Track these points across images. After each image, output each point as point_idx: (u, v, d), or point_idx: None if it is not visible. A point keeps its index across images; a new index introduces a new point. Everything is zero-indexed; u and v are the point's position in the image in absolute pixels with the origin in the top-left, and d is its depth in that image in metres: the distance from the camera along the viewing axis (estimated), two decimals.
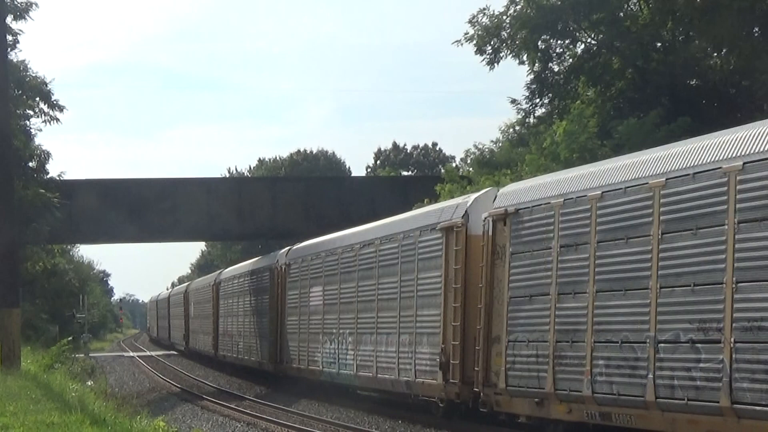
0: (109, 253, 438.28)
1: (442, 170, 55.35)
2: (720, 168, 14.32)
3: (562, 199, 17.89)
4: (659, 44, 36.53)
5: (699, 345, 14.50)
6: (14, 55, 44.05)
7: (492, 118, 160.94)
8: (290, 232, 47.83)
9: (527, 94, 38.40)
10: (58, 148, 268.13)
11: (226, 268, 56.28)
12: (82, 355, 53.96)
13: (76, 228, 48.90)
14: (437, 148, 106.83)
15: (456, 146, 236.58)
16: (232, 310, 44.84)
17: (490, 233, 19.93)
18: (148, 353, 74.43)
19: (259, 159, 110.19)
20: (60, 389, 23.90)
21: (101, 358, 65.37)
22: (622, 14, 37.01)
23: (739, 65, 33.92)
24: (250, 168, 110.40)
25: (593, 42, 37.50)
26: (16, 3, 42.56)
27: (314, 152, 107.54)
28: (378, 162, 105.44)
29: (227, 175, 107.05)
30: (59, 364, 36.89)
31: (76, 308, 70.64)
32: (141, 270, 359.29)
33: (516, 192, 19.92)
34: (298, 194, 50.09)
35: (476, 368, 20.23)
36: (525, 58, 37.58)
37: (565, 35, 37.40)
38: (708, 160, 14.68)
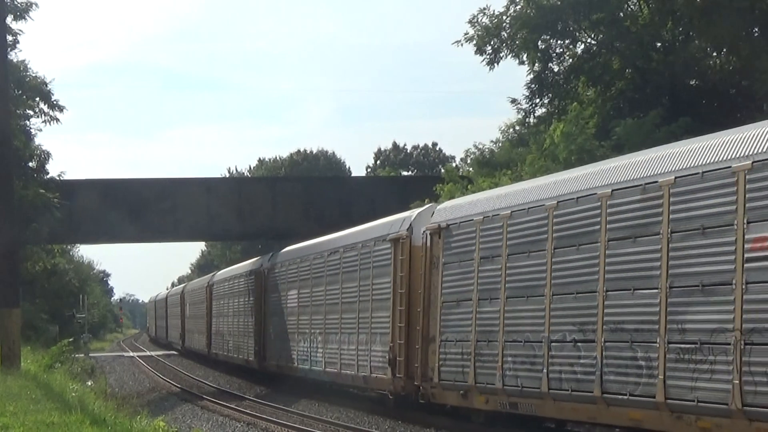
0: (109, 253, 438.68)
1: (442, 170, 55.35)
2: (595, 194, 17.27)
3: (482, 217, 20.78)
4: (659, 44, 36.52)
5: (579, 344, 17.26)
6: (14, 55, 44.11)
7: (492, 118, 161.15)
8: (290, 232, 47.81)
9: (527, 94, 38.42)
10: (58, 148, 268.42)
11: (219, 270, 58.42)
12: (82, 355, 53.93)
13: (76, 228, 48.89)
14: (437, 148, 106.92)
15: (456, 146, 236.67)
16: (224, 310, 47.36)
17: (428, 245, 22.73)
18: (148, 353, 74.43)
19: (259, 159, 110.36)
20: (60, 389, 23.90)
21: (101, 358, 65.37)
22: (622, 14, 37.00)
23: (739, 65, 33.92)
24: (250, 168, 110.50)
25: (593, 42, 37.50)
26: (16, 3, 42.58)
27: (314, 152, 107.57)
28: (378, 162, 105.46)
29: (227, 175, 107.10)
30: (59, 364, 36.88)
31: (76, 308, 70.63)
32: (141, 270, 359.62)
33: (449, 208, 22.74)
34: (298, 194, 50.08)
35: (416, 364, 23.00)
36: (525, 58, 37.57)
37: (565, 35, 37.39)
38: (587, 186, 17.65)
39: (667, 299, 15.38)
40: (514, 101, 39.54)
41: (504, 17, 37.27)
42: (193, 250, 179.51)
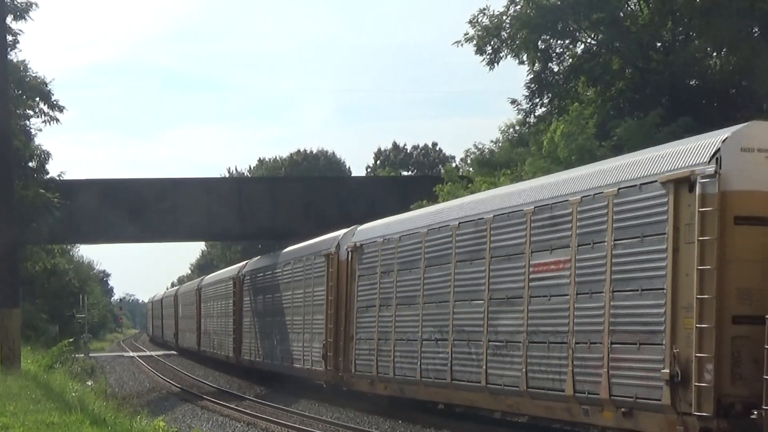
0: (109, 253, 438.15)
1: (442, 170, 55.31)
2: (448, 225, 22.31)
3: (382, 239, 25.91)
4: (659, 44, 36.49)
5: (439, 342, 22.39)
6: (14, 55, 44.07)
7: (492, 118, 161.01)
8: (290, 232, 47.80)
9: (527, 94, 38.39)
10: (58, 148, 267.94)
11: (208, 274, 63.13)
12: (82, 355, 53.92)
13: (76, 228, 48.86)
14: (437, 148, 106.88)
15: (456, 146, 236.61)
16: (210, 312, 52.56)
17: (349, 260, 27.92)
18: (147, 353, 74.44)
19: (259, 159, 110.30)
20: (60, 389, 23.91)
21: (101, 358, 65.38)
22: (622, 14, 36.97)
23: (739, 65, 33.91)
24: (250, 168, 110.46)
25: (593, 42, 37.49)
26: (16, 3, 42.54)
27: (314, 152, 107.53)
28: (378, 162, 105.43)
29: (227, 175, 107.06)
30: (59, 364, 36.89)
31: (76, 308, 70.60)
32: (141, 270, 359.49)
33: (363, 230, 27.81)
34: (298, 194, 50.06)
35: (340, 359, 28.13)
36: (525, 58, 37.52)
37: (565, 35, 37.36)
38: (442, 219, 22.95)
39: (488, 309, 20.40)
40: (514, 102, 39.56)
41: (504, 17, 37.24)
42: (193, 250, 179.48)
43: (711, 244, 14.83)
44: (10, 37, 40.58)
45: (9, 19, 39.99)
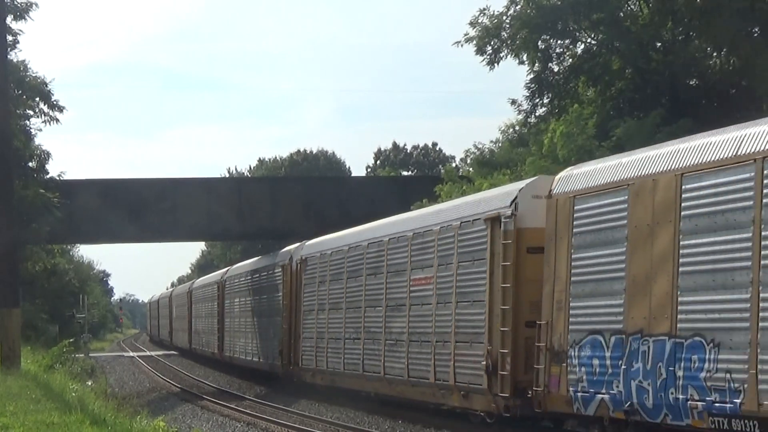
0: (109, 253, 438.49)
1: (442, 170, 55.29)
2: (362, 245, 27.40)
3: (319, 253, 31.11)
4: (659, 44, 36.49)
5: (356, 340, 27.27)
6: (14, 55, 44.03)
7: (492, 118, 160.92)
8: (290, 232, 47.80)
9: (527, 94, 38.39)
10: (58, 148, 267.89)
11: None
12: (82, 355, 53.92)
13: (76, 228, 48.85)
14: (437, 148, 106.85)
15: (456, 146, 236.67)
16: (199, 313, 57.00)
17: (298, 271, 32.98)
18: (147, 353, 74.45)
19: (259, 159, 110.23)
20: (60, 389, 23.90)
21: (101, 358, 65.37)
22: (622, 14, 36.97)
23: (739, 65, 33.91)
24: (250, 168, 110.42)
25: (593, 42, 37.49)
26: (16, 3, 42.52)
27: (314, 152, 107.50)
28: (378, 162, 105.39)
29: (227, 175, 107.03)
30: (59, 364, 36.87)
31: (76, 308, 70.61)
32: (141, 270, 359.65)
33: (308, 246, 32.94)
34: (298, 194, 50.05)
35: (291, 354, 33.13)
36: (525, 58, 37.52)
37: (565, 35, 37.35)
38: (360, 239, 27.76)
39: (385, 314, 25.30)
40: (514, 102, 39.56)
41: (504, 17, 37.24)
42: (193, 250, 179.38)
43: (510, 267, 19.56)
44: (10, 37, 40.55)
45: (9, 19, 39.96)
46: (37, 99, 45.14)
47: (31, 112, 45.78)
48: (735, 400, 14.03)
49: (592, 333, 17.06)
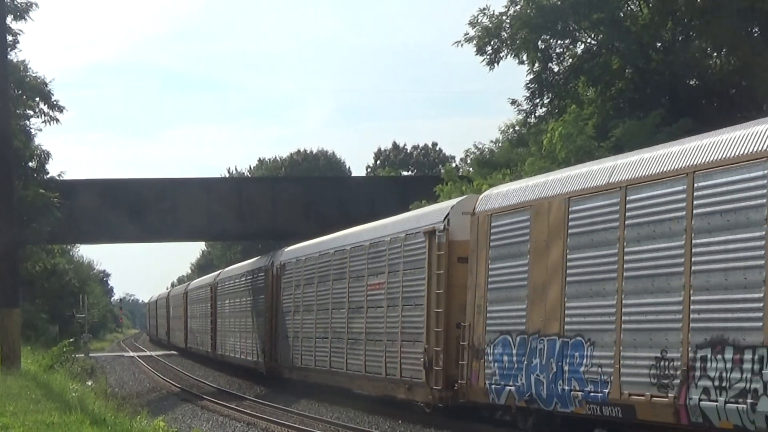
0: (109, 253, 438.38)
1: (442, 170, 55.27)
2: (329, 252, 30.64)
3: (295, 259, 34.13)
4: (659, 44, 36.48)
5: (323, 340, 30.33)
6: (14, 55, 44.03)
7: (492, 118, 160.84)
8: (290, 232, 47.81)
9: (527, 94, 38.39)
10: (58, 148, 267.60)
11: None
12: (82, 355, 53.91)
13: (76, 228, 48.85)
14: (437, 148, 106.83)
15: (456, 146, 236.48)
16: (195, 313, 59.42)
17: (277, 275, 36.02)
18: (147, 353, 74.46)
19: (259, 159, 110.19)
20: (60, 389, 23.89)
21: (101, 358, 65.35)
22: (622, 14, 36.96)
23: (739, 65, 33.90)
24: (250, 168, 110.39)
25: (593, 42, 37.48)
26: (16, 3, 42.52)
27: (314, 152, 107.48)
28: (378, 162, 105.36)
29: (227, 175, 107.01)
30: (59, 364, 36.85)
31: (76, 308, 70.58)
32: (141, 270, 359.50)
33: (288, 251, 35.91)
34: (298, 194, 50.04)
35: (273, 352, 36.06)
36: (525, 58, 37.51)
37: (565, 35, 37.34)
38: (323, 248, 31.31)
39: (348, 315, 28.20)
40: (514, 102, 39.54)
41: (504, 17, 37.23)
42: (193, 250, 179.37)
43: (443, 275, 22.38)
44: (10, 37, 40.56)
45: (9, 19, 39.98)
46: (37, 99, 45.14)
47: (31, 112, 45.79)
48: (605, 390, 16.76)
49: (503, 333, 19.85)
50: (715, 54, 35.78)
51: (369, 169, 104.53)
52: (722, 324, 14.55)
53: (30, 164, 46.13)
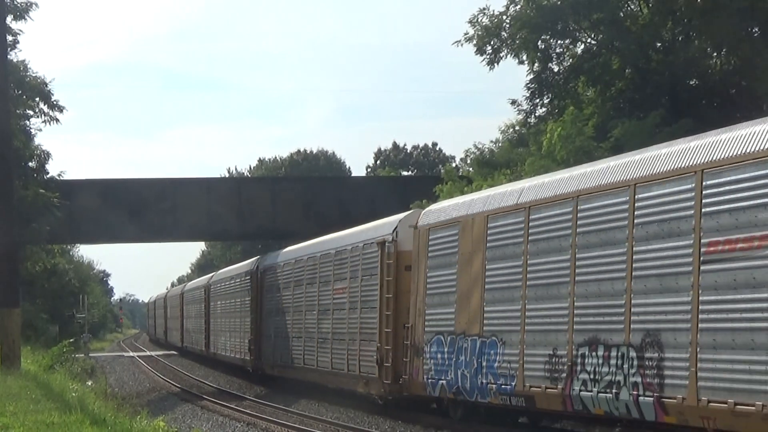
0: (109, 253, 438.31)
1: (442, 170, 55.25)
2: (303, 258, 33.45)
3: (275, 265, 36.99)
4: (659, 44, 36.47)
5: (298, 338, 32.91)
6: (14, 55, 44.02)
7: (492, 118, 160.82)
8: (290, 232, 47.83)
9: (527, 94, 38.38)
10: (58, 148, 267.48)
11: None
12: (82, 355, 53.91)
13: (76, 228, 48.86)
14: (437, 148, 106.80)
15: (456, 146, 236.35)
16: (190, 314, 62.23)
17: (261, 279, 38.77)
18: (147, 353, 74.47)
19: (259, 159, 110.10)
20: (60, 389, 23.89)
21: (101, 358, 65.37)
22: (622, 14, 36.95)
23: (739, 65, 33.89)
24: (250, 168, 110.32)
25: (593, 42, 37.48)
26: (16, 3, 42.50)
27: (314, 152, 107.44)
28: (378, 162, 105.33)
29: (227, 175, 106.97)
30: (59, 364, 36.86)
31: (76, 308, 70.59)
32: (141, 270, 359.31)
33: (269, 256, 39.08)
34: (298, 194, 50.05)
35: (258, 350, 38.81)
36: (525, 58, 37.51)
37: (565, 35, 37.34)
38: (312, 252, 32.77)
39: (318, 316, 31.03)
40: (514, 102, 39.53)
41: (504, 17, 37.23)
42: (193, 250, 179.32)
43: (392, 282, 24.91)
44: (10, 37, 40.56)
45: (9, 19, 39.97)
46: (37, 99, 45.13)
47: (31, 112, 45.78)
48: (512, 383, 19.60)
49: (438, 334, 22.59)
50: (715, 54, 35.77)
51: (369, 169, 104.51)
52: (596, 326, 17.22)
53: (30, 164, 46.12)
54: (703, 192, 14.97)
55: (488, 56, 37.81)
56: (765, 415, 13.79)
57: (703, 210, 14.98)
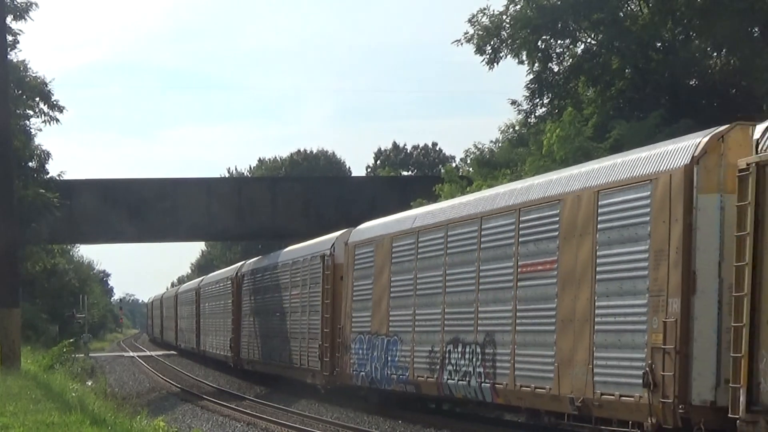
0: (109, 253, 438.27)
1: (442, 170, 55.24)
2: (271, 266, 37.91)
3: (251, 272, 41.13)
4: (659, 44, 36.47)
5: (265, 337, 37.16)
6: (14, 55, 43.89)
7: (492, 118, 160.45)
8: (290, 232, 47.79)
9: (527, 94, 38.36)
10: (58, 148, 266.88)
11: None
12: (82, 355, 53.90)
13: (76, 228, 48.84)
14: (437, 148, 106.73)
15: (456, 146, 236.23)
16: (184, 314, 65.96)
17: (241, 284, 42.84)
18: (147, 353, 74.48)
19: (259, 159, 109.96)
20: (60, 389, 23.90)
21: (101, 358, 65.36)
22: (622, 14, 36.94)
23: (739, 65, 33.89)
24: (250, 168, 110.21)
25: (593, 42, 37.47)
26: (16, 3, 42.46)
27: (314, 152, 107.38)
28: (378, 162, 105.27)
29: (227, 175, 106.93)
30: (59, 364, 36.85)
31: (76, 308, 70.55)
32: (141, 270, 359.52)
33: (247, 264, 44.26)
34: (298, 194, 50.04)
35: (237, 348, 42.44)
36: (525, 58, 37.49)
37: (565, 35, 37.33)
38: (275, 261, 37.11)
39: (279, 318, 34.95)
40: (514, 102, 39.52)
41: (504, 17, 37.22)
42: (193, 250, 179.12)
43: (330, 290, 29.55)
44: (10, 37, 40.45)
45: (9, 19, 39.91)
46: (37, 99, 45.04)
47: (31, 112, 45.66)
48: (406, 374, 24.15)
49: (360, 333, 27.10)
50: (715, 54, 35.77)
51: (369, 169, 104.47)
52: (458, 328, 21.99)
53: (30, 164, 46.04)
54: (520, 225, 19.79)
55: (488, 56, 37.81)
56: (552, 395, 18.37)
57: (520, 240, 19.75)
